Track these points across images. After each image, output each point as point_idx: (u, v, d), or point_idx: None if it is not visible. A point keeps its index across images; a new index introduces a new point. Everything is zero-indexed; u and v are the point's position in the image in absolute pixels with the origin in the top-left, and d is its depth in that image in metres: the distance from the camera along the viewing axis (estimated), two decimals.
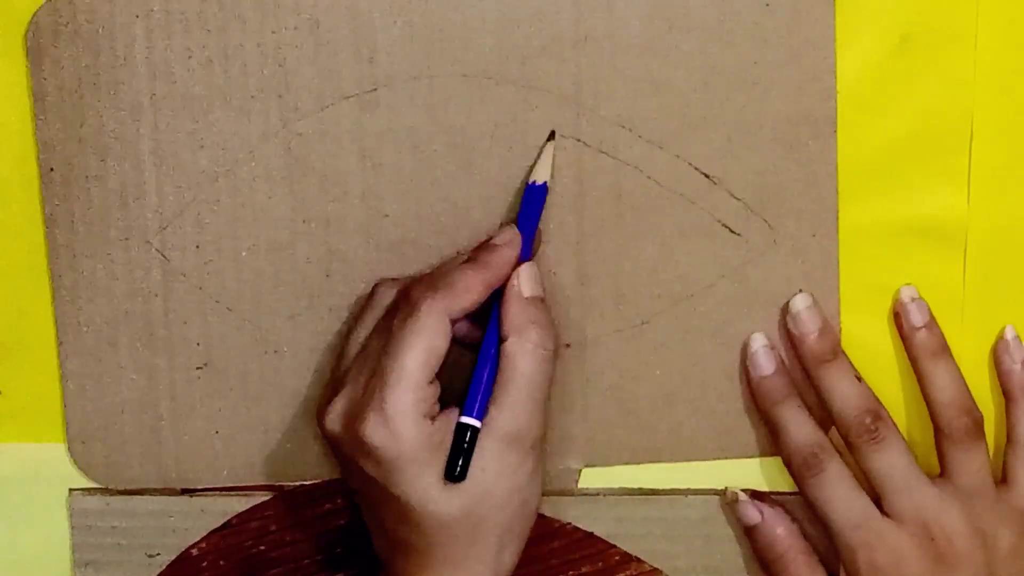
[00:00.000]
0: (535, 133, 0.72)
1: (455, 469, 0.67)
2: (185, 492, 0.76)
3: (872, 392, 0.72)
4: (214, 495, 0.76)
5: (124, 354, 0.75)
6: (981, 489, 0.72)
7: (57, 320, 0.74)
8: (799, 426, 0.72)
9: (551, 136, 0.72)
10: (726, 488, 0.75)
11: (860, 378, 0.72)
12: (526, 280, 0.69)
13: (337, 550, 0.76)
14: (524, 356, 0.68)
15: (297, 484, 0.76)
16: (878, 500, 0.71)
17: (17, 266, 0.74)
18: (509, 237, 0.70)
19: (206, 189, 0.73)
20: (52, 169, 0.73)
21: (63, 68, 0.72)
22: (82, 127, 0.73)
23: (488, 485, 0.68)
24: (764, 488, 0.75)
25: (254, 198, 0.73)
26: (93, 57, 0.72)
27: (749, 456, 0.75)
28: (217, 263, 0.74)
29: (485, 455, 0.68)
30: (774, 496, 0.74)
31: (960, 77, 0.72)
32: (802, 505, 0.73)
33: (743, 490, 0.74)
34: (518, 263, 0.70)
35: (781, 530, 0.73)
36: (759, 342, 0.73)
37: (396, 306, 0.69)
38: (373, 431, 0.67)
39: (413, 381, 0.67)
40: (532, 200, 0.71)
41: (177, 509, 0.76)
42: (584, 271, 0.73)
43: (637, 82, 0.72)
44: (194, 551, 0.76)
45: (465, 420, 0.68)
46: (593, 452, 0.75)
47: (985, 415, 0.72)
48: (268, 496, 0.76)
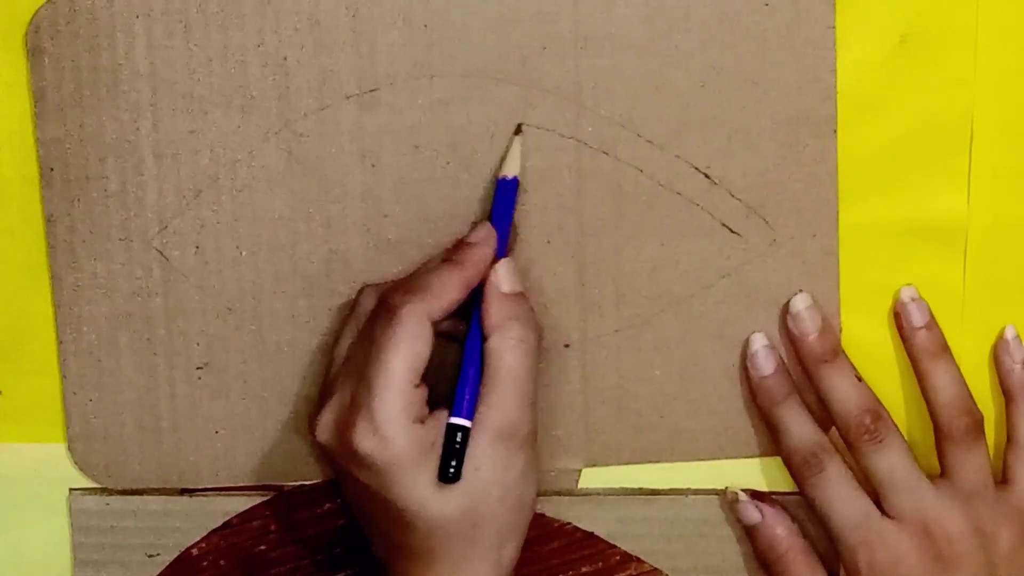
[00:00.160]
0: (535, 133, 0.72)
1: (448, 470, 0.67)
2: (185, 492, 0.76)
3: (872, 392, 0.72)
4: (214, 495, 0.76)
5: (124, 354, 0.75)
6: (981, 489, 0.72)
7: (57, 320, 0.74)
8: (799, 426, 0.72)
9: (518, 129, 0.72)
10: (726, 488, 0.75)
11: (860, 378, 0.72)
12: (504, 276, 0.69)
13: (337, 550, 0.76)
14: (508, 352, 0.68)
15: (297, 484, 0.76)
16: (878, 500, 0.71)
17: (17, 266, 0.74)
18: (484, 234, 0.70)
19: (206, 189, 0.73)
20: (52, 169, 0.73)
21: (63, 68, 0.72)
22: (82, 127, 0.73)
23: (483, 483, 0.68)
24: (764, 488, 0.75)
25: (254, 198, 0.73)
26: (93, 57, 0.72)
27: (749, 456, 0.75)
28: (217, 263, 0.74)
29: (477, 454, 0.68)
30: (774, 496, 0.74)
31: (960, 77, 0.72)
32: (802, 505, 0.73)
33: (743, 490, 0.74)
34: (495, 259, 0.70)
35: (781, 530, 0.73)
36: (759, 342, 0.73)
37: (376, 313, 0.69)
38: (363, 439, 0.67)
39: (399, 387, 0.67)
40: (504, 195, 0.71)
41: (177, 509, 0.76)
42: (584, 271, 0.73)
43: (637, 82, 0.72)
44: (194, 551, 0.76)
45: (455, 420, 0.68)
46: (593, 452, 0.75)
47: (985, 415, 0.72)
48: (268, 496, 0.76)
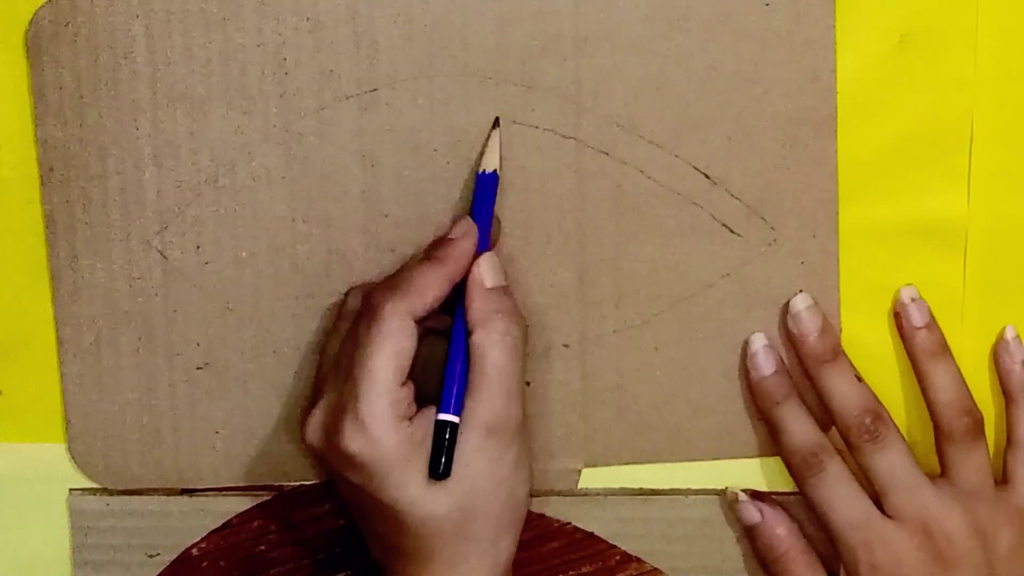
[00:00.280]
0: (535, 133, 0.72)
1: (439, 467, 0.67)
2: (185, 492, 0.76)
3: (872, 392, 0.72)
4: (214, 495, 0.76)
5: (124, 354, 0.75)
6: (981, 489, 0.72)
7: (57, 320, 0.74)
8: (799, 426, 0.72)
9: (496, 123, 0.72)
10: (726, 488, 0.75)
11: (860, 378, 0.72)
12: (487, 270, 0.69)
13: (337, 550, 0.76)
14: (493, 346, 0.68)
15: (297, 484, 0.76)
16: (878, 500, 0.71)
17: (17, 266, 0.74)
18: (465, 229, 0.70)
19: (206, 189, 0.73)
20: (52, 169, 0.73)
21: (63, 68, 0.72)
22: (82, 127, 0.73)
23: (474, 479, 0.68)
24: (764, 488, 0.75)
25: (254, 198, 0.73)
26: (93, 57, 0.72)
27: (749, 456, 0.75)
28: (217, 263, 0.74)
29: (467, 449, 0.68)
30: (774, 496, 0.74)
31: (960, 77, 0.72)
32: (802, 505, 0.73)
33: (743, 490, 0.74)
34: (477, 254, 0.70)
35: (781, 530, 0.73)
36: (759, 342, 0.73)
37: (360, 313, 0.69)
38: (351, 440, 0.67)
39: (385, 386, 0.67)
40: (484, 189, 0.71)
41: (177, 509, 0.76)
42: (584, 271, 0.73)
43: (637, 82, 0.72)
44: (194, 551, 0.76)
45: (443, 417, 0.68)
46: (593, 452, 0.75)
47: (985, 415, 0.72)
48: (268, 496, 0.76)
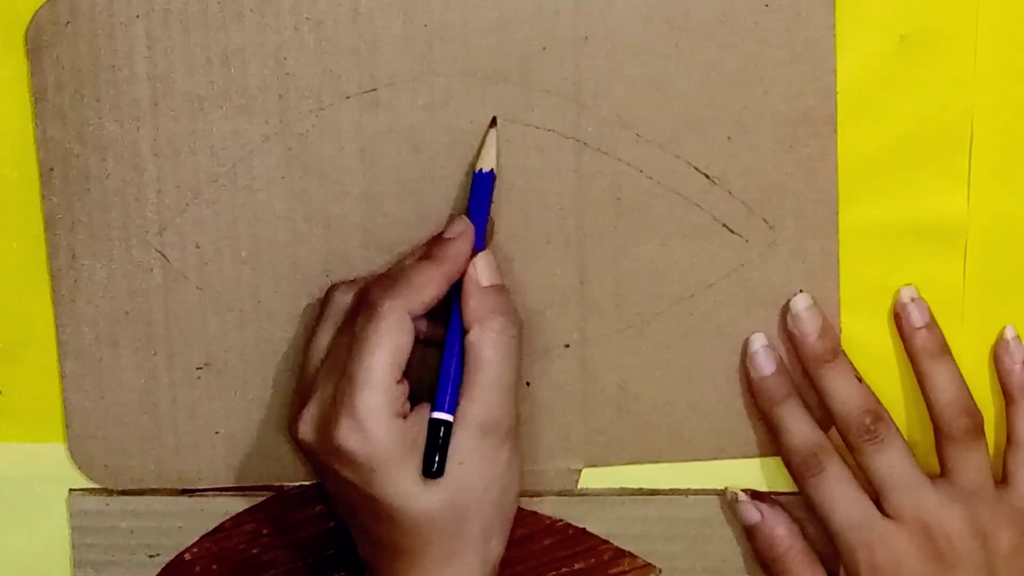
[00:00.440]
0: (535, 133, 0.72)
1: (432, 465, 0.67)
2: (185, 492, 0.76)
3: (872, 392, 0.72)
4: (214, 495, 0.76)
5: (124, 354, 0.75)
6: (981, 489, 0.72)
7: (57, 320, 0.74)
8: (799, 426, 0.72)
9: (493, 123, 0.72)
10: (726, 488, 0.75)
11: (860, 378, 0.72)
12: (483, 269, 0.69)
13: (329, 552, 0.76)
14: (489, 345, 0.68)
15: (297, 484, 0.76)
16: (878, 500, 0.71)
17: (17, 266, 0.74)
18: (461, 228, 0.70)
19: (206, 189, 0.73)
20: (52, 169, 0.73)
21: (63, 68, 0.72)
22: (82, 127, 0.73)
23: (467, 478, 0.68)
24: (764, 488, 0.75)
25: (254, 198, 0.73)
26: (93, 57, 0.72)
27: (749, 456, 0.75)
28: (217, 263, 0.74)
29: (461, 448, 0.68)
30: (774, 496, 0.74)
31: (960, 77, 0.72)
32: (802, 505, 0.73)
33: (743, 490, 0.74)
34: (473, 253, 0.70)
35: (781, 530, 0.73)
36: (759, 342, 0.73)
37: (356, 309, 0.69)
38: (346, 435, 0.67)
39: (381, 382, 0.67)
40: (480, 188, 0.71)
41: (177, 509, 0.76)
42: (584, 271, 0.73)
43: (637, 82, 0.72)
44: (187, 555, 0.76)
45: (437, 415, 0.68)
46: (593, 452, 0.75)
47: (985, 415, 0.72)
48: (268, 496, 0.76)
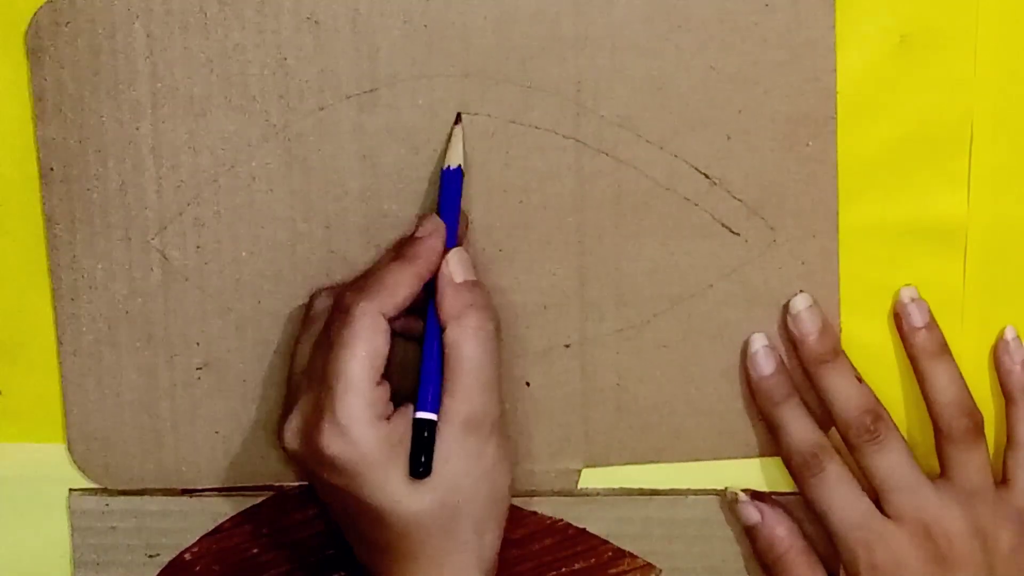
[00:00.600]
0: (535, 133, 0.72)
1: (419, 465, 0.67)
2: (185, 492, 0.76)
3: (872, 392, 0.72)
4: (214, 495, 0.76)
5: (124, 354, 0.75)
6: (981, 489, 0.72)
7: (57, 320, 0.74)
8: (799, 426, 0.72)
9: (458, 119, 0.72)
10: (726, 488, 0.75)
11: (860, 378, 0.72)
12: (456, 265, 0.69)
13: (329, 552, 0.76)
14: (467, 341, 0.68)
15: (297, 484, 0.76)
16: (878, 500, 0.71)
17: (17, 266, 0.74)
18: (432, 227, 0.70)
19: (206, 189, 0.73)
20: (52, 169, 0.73)
21: (63, 68, 0.72)
22: (82, 127, 0.73)
23: (455, 475, 0.68)
24: (764, 488, 0.75)
25: (254, 198, 0.73)
26: (93, 57, 0.72)
27: (749, 456, 0.75)
28: (217, 263, 0.74)
29: (446, 446, 0.68)
30: (774, 496, 0.74)
31: (960, 77, 0.72)
32: (802, 505, 0.73)
33: (743, 490, 0.74)
34: (445, 250, 0.70)
35: (781, 530, 0.73)
36: (759, 342, 0.73)
37: (332, 315, 0.69)
38: (330, 442, 0.67)
39: (360, 386, 0.67)
40: (449, 185, 0.71)
41: (177, 509, 0.76)
42: (584, 271, 0.73)
43: (637, 82, 0.72)
44: (187, 555, 0.76)
45: (421, 415, 0.68)
46: (593, 452, 0.75)
47: (985, 415, 0.72)
48: (268, 496, 0.76)
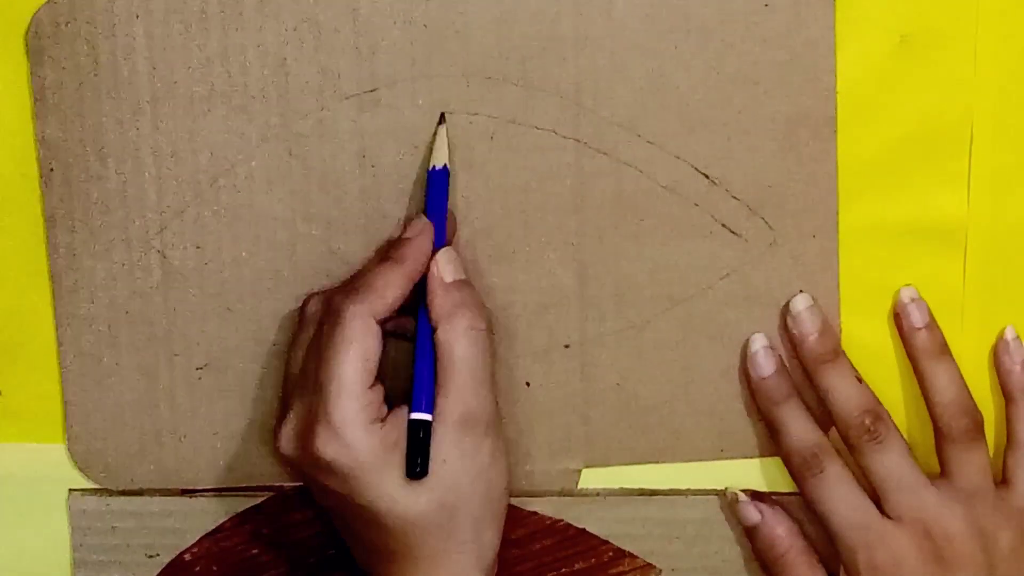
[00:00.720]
0: (535, 133, 0.72)
1: (415, 467, 0.67)
2: (185, 492, 0.76)
3: (872, 392, 0.72)
4: (214, 495, 0.76)
5: (124, 354, 0.75)
6: (981, 490, 0.72)
7: (57, 320, 0.74)
8: (799, 426, 0.72)
9: (442, 119, 0.72)
10: (726, 488, 0.75)
11: (860, 378, 0.72)
12: (445, 265, 0.69)
13: (329, 552, 0.76)
14: (459, 341, 0.68)
15: (296, 484, 0.76)
16: (878, 500, 0.71)
17: (17, 266, 0.74)
18: (420, 227, 0.70)
19: (206, 189, 0.73)
20: (52, 169, 0.73)
21: (63, 68, 0.72)
22: (82, 127, 0.73)
23: (451, 475, 0.68)
24: (764, 488, 0.75)
25: (254, 198, 0.73)
26: (93, 57, 0.72)
27: (749, 456, 0.75)
28: (217, 263, 0.74)
29: (442, 446, 0.68)
30: (774, 496, 0.74)
31: (960, 77, 0.72)
32: (802, 505, 0.73)
33: (743, 490, 0.74)
34: (434, 250, 0.70)
35: (781, 530, 0.73)
36: (759, 343, 0.73)
37: (323, 319, 0.69)
38: (325, 446, 0.67)
39: (353, 389, 0.67)
40: (436, 186, 0.71)
41: (177, 509, 0.76)
42: (584, 271, 0.73)
43: (637, 82, 0.72)
44: (187, 556, 0.76)
45: (416, 416, 0.68)
46: (593, 452, 0.75)
47: (985, 415, 0.72)
48: (268, 496, 0.76)
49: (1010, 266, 0.73)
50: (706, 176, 0.72)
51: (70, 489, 0.76)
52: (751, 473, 0.75)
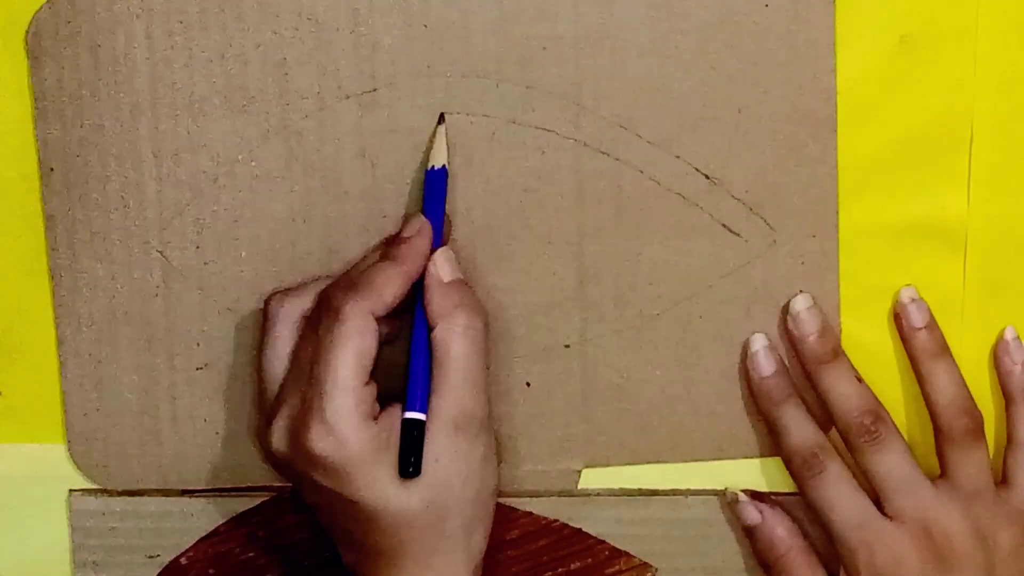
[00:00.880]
0: (535, 133, 0.72)
1: (408, 465, 0.67)
2: (185, 493, 0.76)
3: (872, 392, 0.72)
4: (214, 496, 0.76)
5: (124, 354, 0.75)
6: (981, 490, 0.72)
7: (57, 320, 0.74)
8: (799, 426, 0.72)
9: (441, 119, 0.72)
10: (726, 488, 0.75)
11: (860, 379, 0.72)
12: (443, 265, 0.69)
13: (325, 554, 0.76)
14: (455, 340, 0.68)
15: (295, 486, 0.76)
16: (878, 500, 0.71)
17: (17, 266, 0.74)
18: (418, 227, 0.70)
19: (206, 189, 0.73)
20: (52, 169, 0.73)
21: (63, 68, 0.72)
22: (82, 127, 0.73)
23: (444, 475, 0.68)
24: (764, 488, 0.75)
25: (254, 198, 0.73)
26: (93, 57, 0.72)
27: (749, 456, 0.75)
28: (217, 263, 0.74)
29: (435, 446, 0.68)
30: (774, 496, 0.74)
31: (960, 77, 0.72)
32: (802, 505, 0.73)
33: (743, 490, 0.74)
34: (432, 250, 0.70)
35: (781, 530, 0.73)
36: (759, 343, 0.73)
37: (318, 314, 0.69)
38: (319, 441, 0.67)
39: (349, 385, 0.67)
40: (434, 185, 0.71)
41: (177, 509, 0.76)
42: (584, 271, 0.73)
43: (637, 82, 0.72)
44: (183, 560, 0.76)
45: (409, 415, 0.68)
46: (593, 452, 0.75)
47: (985, 415, 0.72)
48: (267, 496, 0.76)
49: (1010, 266, 0.73)
50: (706, 176, 0.72)
51: (70, 489, 0.76)
52: (751, 473, 0.75)
